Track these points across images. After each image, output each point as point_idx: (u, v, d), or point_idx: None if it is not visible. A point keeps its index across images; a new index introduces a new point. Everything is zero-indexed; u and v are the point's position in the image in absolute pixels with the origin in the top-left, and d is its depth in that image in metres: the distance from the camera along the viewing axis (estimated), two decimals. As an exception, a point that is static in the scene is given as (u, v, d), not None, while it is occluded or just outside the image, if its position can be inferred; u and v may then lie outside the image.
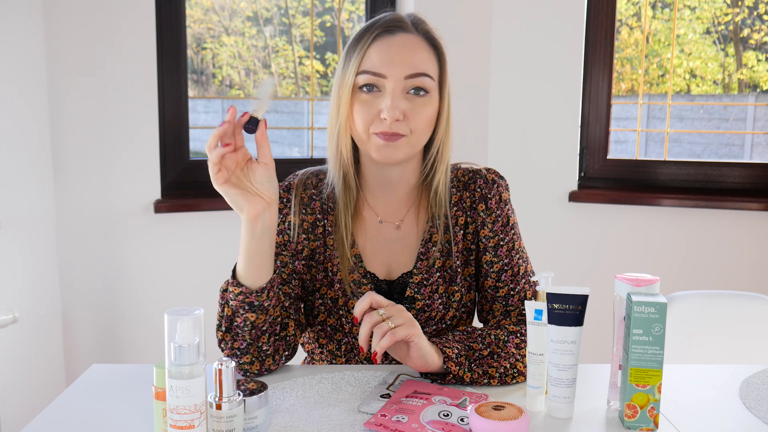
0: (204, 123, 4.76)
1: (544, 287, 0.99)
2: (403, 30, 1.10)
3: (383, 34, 1.09)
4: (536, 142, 2.44)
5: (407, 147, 1.10)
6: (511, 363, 1.07)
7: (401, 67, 1.07)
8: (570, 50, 2.41)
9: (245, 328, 1.05)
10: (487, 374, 1.06)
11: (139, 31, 2.12)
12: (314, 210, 1.18)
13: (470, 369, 1.05)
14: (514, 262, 1.18)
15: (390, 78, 1.07)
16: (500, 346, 1.08)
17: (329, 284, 1.17)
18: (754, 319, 1.45)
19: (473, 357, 1.06)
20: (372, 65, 1.08)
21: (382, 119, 1.07)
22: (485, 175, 1.20)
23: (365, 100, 1.09)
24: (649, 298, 0.91)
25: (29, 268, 2.03)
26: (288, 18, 2.99)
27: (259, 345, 1.07)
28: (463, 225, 1.19)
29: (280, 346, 1.10)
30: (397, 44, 1.09)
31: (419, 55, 1.09)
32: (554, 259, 2.43)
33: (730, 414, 0.99)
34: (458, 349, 1.05)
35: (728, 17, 3.37)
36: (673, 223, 2.39)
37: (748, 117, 4.13)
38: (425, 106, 1.10)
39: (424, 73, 1.09)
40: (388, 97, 1.07)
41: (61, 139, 2.10)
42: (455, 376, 1.04)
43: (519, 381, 1.08)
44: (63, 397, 1.03)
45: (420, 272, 1.16)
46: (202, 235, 2.26)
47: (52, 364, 2.13)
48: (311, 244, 1.18)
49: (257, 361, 1.08)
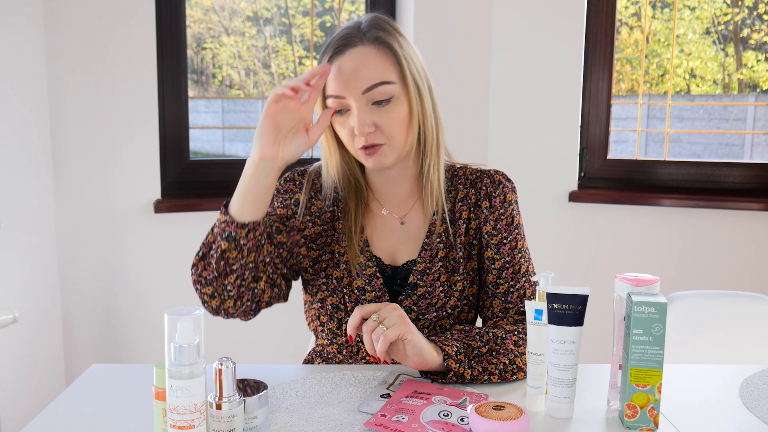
0: (204, 123, 4.77)
1: (544, 287, 0.99)
2: (351, 46, 1.12)
3: (335, 56, 1.13)
4: (536, 142, 2.44)
5: (391, 152, 1.14)
6: (510, 359, 1.08)
7: (355, 84, 1.10)
8: (570, 50, 2.41)
9: (215, 256, 1.08)
10: (486, 371, 1.06)
11: (139, 31, 2.12)
12: (325, 197, 1.24)
13: (470, 366, 1.05)
14: (516, 261, 1.21)
15: (349, 97, 1.11)
16: (498, 343, 1.09)
17: (335, 265, 1.21)
18: (754, 319, 1.45)
19: (472, 354, 1.07)
20: (332, 89, 1.12)
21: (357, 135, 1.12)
22: (493, 175, 1.24)
23: (341, 122, 1.14)
24: (649, 298, 0.91)
25: (29, 268, 2.03)
26: (288, 18, 2.99)
27: (224, 283, 1.09)
28: (466, 220, 1.22)
29: (245, 294, 1.11)
30: (348, 63, 1.11)
31: (370, 67, 1.11)
32: (554, 259, 2.42)
33: (730, 414, 0.99)
34: (457, 347, 1.06)
35: (728, 17, 3.37)
36: (673, 223, 2.39)
37: (748, 117, 4.13)
38: (392, 111, 1.12)
39: (378, 83, 1.11)
40: (354, 115, 1.11)
41: (61, 139, 2.10)
42: (456, 373, 1.04)
43: (519, 377, 1.09)
44: (63, 397, 1.03)
45: (424, 261, 1.20)
46: (202, 235, 2.23)
47: (52, 364, 2.13)
48: (316, 228, 1.23)
49: (218, 297, 1.10)
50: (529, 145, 2.44)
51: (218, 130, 6.09)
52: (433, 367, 1.04)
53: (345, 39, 1.13)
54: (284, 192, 1.25)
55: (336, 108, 1.12)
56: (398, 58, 1.13)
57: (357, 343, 1.20)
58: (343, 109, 1.12)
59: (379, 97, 1.11)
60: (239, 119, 5.78)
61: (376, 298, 1.19)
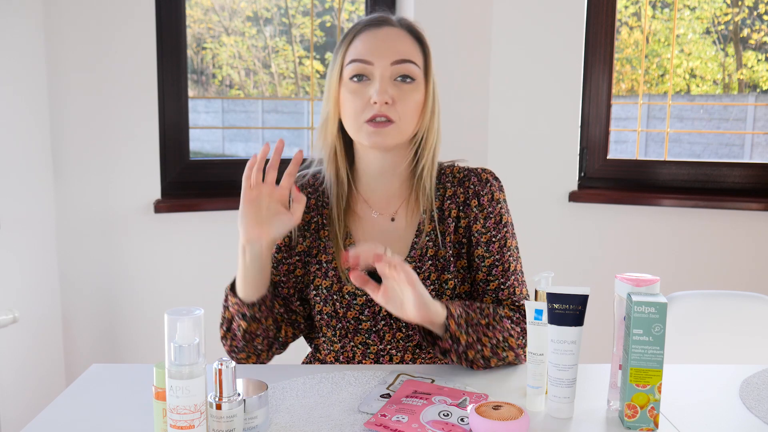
0: (204, 123, 4.77)
1: (544, 287, 0.99)
2: (388, 24, 1.17)
3: (369, 27, 1.16)
4: (536, 142, 2.44)
5: (396, 133, 1.14)
6: (504, 336, 1.11)
7: (387, 54, 1.13)
8: (570, 50, 2.41)
9: (239, 332, 1.16)
10: (480, 341, 1.09)
11: (139, 31, 2.12)
12: (309, 208, 1.24)
13: (467, 332, 1.08)
14: (505, 259, 1.21)
15: (377, 65, 1.13)
16: (496, 320, 1.12)
17: (324, 275, 1.21)
18: (754, 319, 1.45)
19: (472, 322, 1.09)
20: (358, 53, 1.14)
21: (372, 104, 1.12)
22: (480, 174, 1.24)
23: (355, 90, 1.14)
24: (649, 298, 0.91)
25: (29, 268, 2.03)
26: (288, 18, 2.99)
27: (254, 345, 1.17)
28: (455, 218, 1.22)
29: (274, 344, 1.20)
30: (383, 35, 1.15)
31: (404, 44, 1.15)
32: (554, 259, 2.43)
33: (730, 414, 0.99)
34: (460, 312, 1.08)
35: (728, 17, 3.37)
36: (673, 223, 2.39)
37: (748, 117, 4.13)
38: (412, 92, 1.15)
39: (409, 60, 1.14)
40: (377, 82, 1.12)
41: (61, 139, 2.10)
42: (452, 335, 1.06)
43: (509, 356, 1.12)
44: (63, 397, 1.03)
45: (413, 260, 1.20)
46: (202, 235, 2.26)
47: (52, 364, 2.13)
48: (306, 241, 1.23)
49: (253, 356, 1.19)
50: (529, 145, 2.44)
51: (218, 130, 6.09)
52: (432, 322, 1.06)
53: (381, 18, 1.17)
54: None
55: (355, 73, 1.13)
56: (426, 53, 1.18)
57: None
58: (362, 75, 1.13)
59: (404, 72, 1.13)
60: (239, 119, 5.78)
61: (367, 302, 1.18)
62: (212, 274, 1.84)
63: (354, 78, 1.14)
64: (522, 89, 2.42)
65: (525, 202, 2.42)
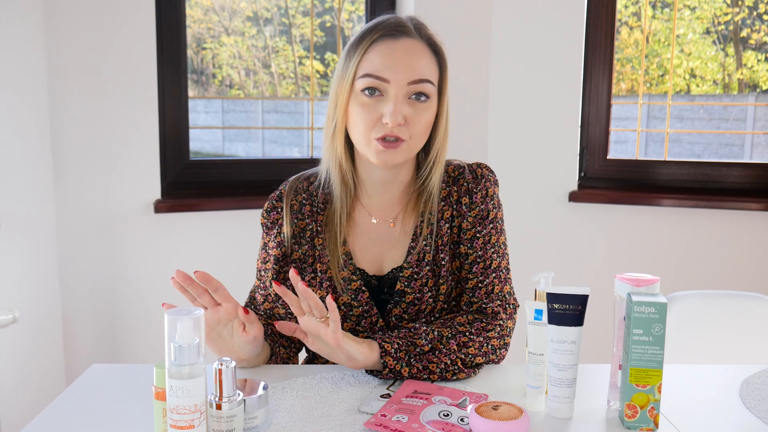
0: (204, 123, 4.77)
1: (544, 287, 0.99)
2: (406, 35, 1.11)
3: (386, 37, 1.10)
4: (536, 142, 2.44)
5: (406, 152, 1.12)
6: (452, 360, 1.08)
7: (405, 72, 1.08)
8: (570, 50, 2.41)
9: None
10: (427, 369, 1.07)
11: (139, 31, 2.12)
12: (304, 215, 1.21)
13: (409, 364, 1.06)
14: (488, 255, 1.18)
15: (393, 83, 1.08)
16: (443, 343, 1.09)
17: (318, 284, 1.19)
18: (754, 319, 1.45)
19: (414, 352, 1.07)
20: (375, 69, 1.09)
21: (383, 123, 1.09)
22: (475, 170, 1.22)
23: (367, 104, 1.10)
24: (649, 298, 0.91)
25: (29, 268, 2.03)
26: (288, 18, 2.99)
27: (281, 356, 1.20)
28: (449, 219, 1.20)
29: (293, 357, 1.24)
30: (401, 49, 1.10)
31: (422, 60, 1.11)
32: (554, 259, 2.43)
33: (730, 414, 0.99)
34: (398, 345, 1.07)
35: (728, 17, 3.37)
36: (673, 223, 2.39)
37: (748, 117, 4.13)
38: (425, 111, 1.12)
39: (426, 80, 1.10)
40: (391, 103, 1.08)
41: (61, 139, 2.10)
42: (392, 370, 1.05)
43: (460, 377, 1.09)
44: (63, 397, 1.03)
45: (410, 266, 1.17)
46: (202, 235, 2.26)
47: (52, 364, 2.13)
48: (302, 249, 1.21)
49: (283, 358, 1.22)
50: (529, 145, 2.44)
51: (218, 130, 6.09)
52: (370, 365, 1.06)
53: (399, 26, 1.12)
54: (271, 225, 1.23)
55: (368, 86, 1.09)
56: (443, 65, 1.15)
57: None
58: (375, 89, 1.09)
59: (420, 90, 1.10)
60: (239, 119, 5.79)
61: (363, 312, 1.17)
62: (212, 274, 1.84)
63: (366, 91, 1.09)
64: (522, 89, 2.42)
65: (525, 202, 2.42)
